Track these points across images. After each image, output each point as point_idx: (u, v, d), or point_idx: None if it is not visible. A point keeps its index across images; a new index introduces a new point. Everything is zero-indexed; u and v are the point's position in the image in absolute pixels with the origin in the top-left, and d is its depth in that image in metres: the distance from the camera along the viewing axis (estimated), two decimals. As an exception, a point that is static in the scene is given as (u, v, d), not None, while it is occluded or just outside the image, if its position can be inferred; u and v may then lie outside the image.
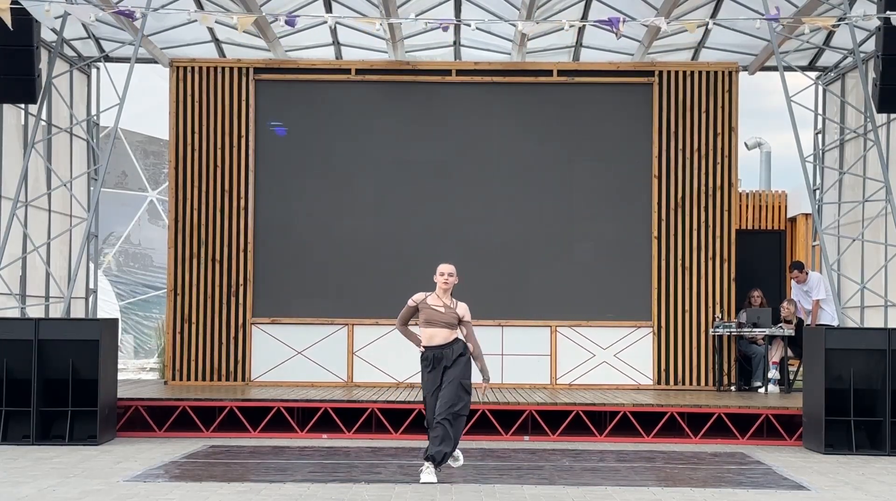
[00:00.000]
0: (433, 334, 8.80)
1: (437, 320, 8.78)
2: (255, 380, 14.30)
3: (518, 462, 10.02)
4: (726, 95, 14.55)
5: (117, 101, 12.85)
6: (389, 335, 14.25)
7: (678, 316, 14.39)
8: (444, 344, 8.80)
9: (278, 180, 14.50)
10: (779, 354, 14.03)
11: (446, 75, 14.63)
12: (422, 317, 8.86)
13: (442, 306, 8.82)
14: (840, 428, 10.88)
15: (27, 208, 13.46)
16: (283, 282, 14.41)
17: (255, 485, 8.50)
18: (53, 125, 14.19)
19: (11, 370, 10.92)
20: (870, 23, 12.67)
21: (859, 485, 8.87)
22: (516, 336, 14.35)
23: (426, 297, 8.89)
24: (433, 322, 8.79)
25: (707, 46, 15.08)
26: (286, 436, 11.73)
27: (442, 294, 8.85)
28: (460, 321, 8.87)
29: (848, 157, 14.63)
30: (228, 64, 14.68)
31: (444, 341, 8.80)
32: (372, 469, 9.50)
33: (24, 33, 11.81)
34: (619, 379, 14.33)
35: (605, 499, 8.05)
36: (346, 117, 14.55)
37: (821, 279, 14.09)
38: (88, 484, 8.48)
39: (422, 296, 8.92)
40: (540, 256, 14.45)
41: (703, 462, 10.16)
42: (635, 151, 14.51)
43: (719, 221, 14.47)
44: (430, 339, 8.82)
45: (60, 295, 14.07)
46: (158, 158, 23.49)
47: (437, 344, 8.80)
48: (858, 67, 12.64)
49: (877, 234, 13.43)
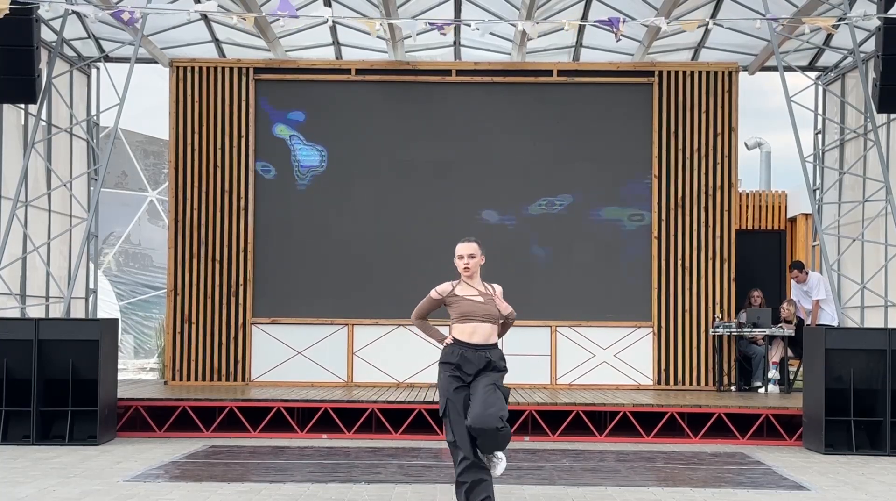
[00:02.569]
0: (474, 329, 6.91)
1: (475, 313, 6.94)
2: (255, 380, 14.30)
3: (518, 462, 10.02)
4: (726, 95, 14.56)
5: (117, 101, 12.87)
6: (389, 335, 14.27)
7: (678, 316, 14.40)
8: (487, 345, 6.94)
9: (278, 180, 14.50)
10: (779, 354, 14.03)
11: (446, 75, 14.64)
12: (455, 313, 7.00)
13: (478, 294, 7.01)
14: (840, 428, 10.88)
15: (27, 208, 13.46)
16: (283, 282, 14.41)
17: (255, 485, 8.51)
18: (53, 125, 14.20)
19: (11, 370, 10.92)
20: (870, 23, 12.67)
21: (859, 485, 8.87)
22: (516, 336, 14.26)
23: (454, 287, 7.06)
24: (471, 316, 6.94)
25: (707, 46, 15.09)
26: (286, 436, 11.73)
27: (470, 280, 7.05)
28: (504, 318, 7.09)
29: (848, 157, 14.64)
30: (228, 64, 14.68)
31: (486, 339, 6.94)
32: (372, 469, 9.50)
33: (24, 33, 11.81)
34: (619, 379, 14.33)
35: (605, 499, 8.05)
36: (346, 117, 14.55)
37: (821, 279, 14.09)
38: (88, 484, 8.48)
39: (448, 287, 7.07)
40: (540, 256, 14.46)
41: (703, 462, 10.16)
42: (635, 151, 14.51)
43: (719, 221, 14.48)
44: (470, 335, 6.91)
45: (60, 295, 14.08)
46: (158, 158, 23.50)
47: (479, 343, 6.91)
48: (858, 67, 12.65)
49: (877, 234, 13.43)
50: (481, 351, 6.88)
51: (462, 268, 7.00)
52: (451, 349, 6.94)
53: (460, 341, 6.92)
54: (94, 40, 14.90)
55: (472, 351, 6.87)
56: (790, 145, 39.01)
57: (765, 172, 22.14)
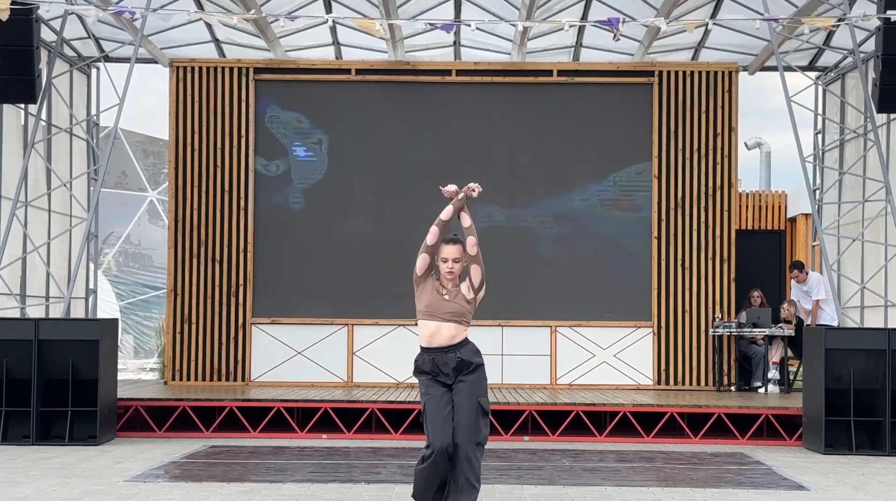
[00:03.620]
0: (434, 331, 6.64)
1: (437, 310, 6.65)
2: (255, 380, 14.30)
3: (518, 462, 10.02)
4: (726, 95, 14.55)
5: (117, 101, 12.87)
6: (389, 335, 14.27)
7: (678, 316, 14.39)
8: (453, 345, 6.66)
9: (278, 180, 14.50)
10: (779, 354, 14.03)
11: (446, 75, 14.63)
12: (419, 303, 6.72)
13: (446, 292, 6.70)
14: (840, 428, 10.88)
15: (27, 208, 13.46)
16: (283, 282, 14.41)
17: (255, 485, 8.51)
18: (53, 125, 14.19)
19: (11, 370, 10.92)
20: (870, 23, 12.67)
21: (859, 485, 8.87)
22: (516, 336, 14.35)
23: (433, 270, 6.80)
24: (433, 312, 6.66)
25: (707, 46, 15.08)
26: (286, 436, 11.73)
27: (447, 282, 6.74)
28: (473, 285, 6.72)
29: (848, 157, 14.63)
30: (228, 64, 14.68)
31: (451, 340, 6.64)
32: (372, 469, 9.50)
33: (24, 33, 11.81)
34: (619, 379, 14.33)
35: (605, 499, 8.05)
36: (346, 117, 14.55)
37: (821, 280, 14.09)
38: (88, 484, 8.48)
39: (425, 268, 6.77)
40: (540, 256, 14.46)
41: (703, 462, 10.15)
42: (635, 151, 14.51)
43: (719, 221, 14.48)
44: (430, 339, 6.66)
45: (60, 295, 14.07)
46: (158, 158, 23.49)
47: (442, 345, 6.64)
48: (858, 67, 12.65)
49: (877, 234, 13.43)
50: (450, 353, 6.63)
51: (446, 272, 6.70)
52: (421, 357, 6.72)
53: (426, 347, 6.68)
54: (94, 40, 14.90)
55: (440, 354, 6.63)
56: (790, 145, 39.00)
57: (765, 172, 22.14)
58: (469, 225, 6.79)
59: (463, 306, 6.67)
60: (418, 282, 6.79)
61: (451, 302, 6.65)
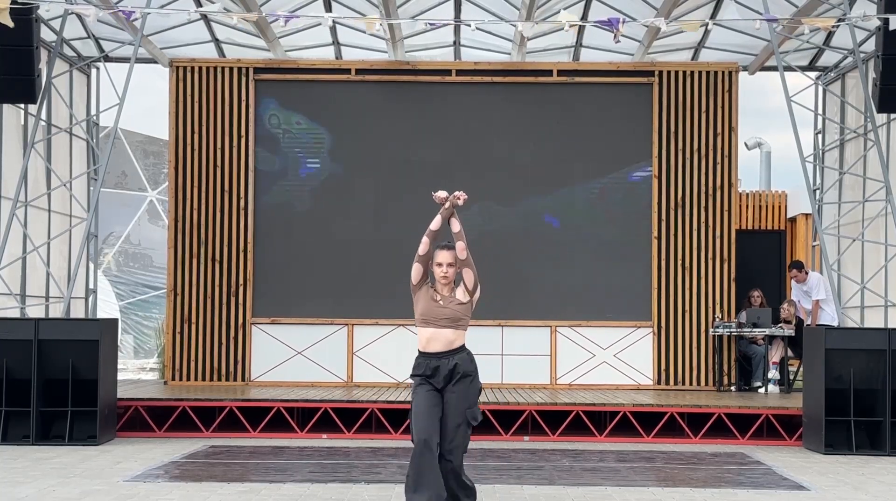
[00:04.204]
0: (431, 337, 6.76)
1: (433, 316, 6.77)
2: (255, 380, 14.30)
3: (518, 462, 10.02)
4: (726, 95, 14.55)
5: (117, 101, 12.88)
6: (389, 335, 14.28)
7: (678, 316, 14.39)
8: (450, 351, 6.76)
9: (278, 180, 14.50)
10: (779, 354, 14.03)
11: (446, 75, 14.63)
12: (416, 309, 6.87)
13: (440, 298, 6.83)
14: (840, 428, 10.88)
15: (27, 208, 13.46)
16: (283, 282, 14.41)
17: (255, 485, 8.51)
18: (53, 125, 14.19)
19: (11, 370, 10.92)
20: (870, 23, 12.67)
21: (859, 485, 8.87)
22: (516, 336, 14.35)
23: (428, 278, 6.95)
24: (429, 319, 6.79)
25: (707, 46, 15.08)
26: (286, 436, 11.73)
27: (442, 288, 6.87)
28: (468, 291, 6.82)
29: (848, 157, 14.63)
30: (228, 64, 14.68)
31: (448, 346, 6.75)
32: (372, 469, 9.50)
33: (24, 33, 11.81)
34: (619, 379, 14.33)
35: (605, 499, 8.05)
36: (346, 117, 14.55)
37: (821, 280, 14.09)
38: (88, 484, 8.48)
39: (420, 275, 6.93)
40: (540, 256, 14.45)
41: (703, 462, 10.16)
42: (635, 151, 14.51)
43: (719, 221, 14.47)
44: (426, 344, 6.79)
45: (60, 295, 14.07)
46: (158, 158, 23.49)
47: (439, 351, 6.75)
48: (858, 67, 12.65)
49: (877, 234, 13.43)
50: (445, 358, 6.73)
51: (440, 277, 6.82)
52: (419, 361, 6.82)
53: (423, 352, 6.80)
54: (94, 40, 14.90)
55: (435, 360, 6.74)
56: (790, 145, 39.02)
57: (765, 172, 22.14)
58: (458, 230, 6.92)
59: (458, 311, 6.79)
60: (414, 290, 6.95)
61: (446, 308, 6.79)
